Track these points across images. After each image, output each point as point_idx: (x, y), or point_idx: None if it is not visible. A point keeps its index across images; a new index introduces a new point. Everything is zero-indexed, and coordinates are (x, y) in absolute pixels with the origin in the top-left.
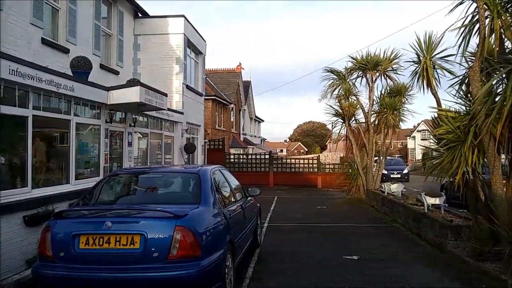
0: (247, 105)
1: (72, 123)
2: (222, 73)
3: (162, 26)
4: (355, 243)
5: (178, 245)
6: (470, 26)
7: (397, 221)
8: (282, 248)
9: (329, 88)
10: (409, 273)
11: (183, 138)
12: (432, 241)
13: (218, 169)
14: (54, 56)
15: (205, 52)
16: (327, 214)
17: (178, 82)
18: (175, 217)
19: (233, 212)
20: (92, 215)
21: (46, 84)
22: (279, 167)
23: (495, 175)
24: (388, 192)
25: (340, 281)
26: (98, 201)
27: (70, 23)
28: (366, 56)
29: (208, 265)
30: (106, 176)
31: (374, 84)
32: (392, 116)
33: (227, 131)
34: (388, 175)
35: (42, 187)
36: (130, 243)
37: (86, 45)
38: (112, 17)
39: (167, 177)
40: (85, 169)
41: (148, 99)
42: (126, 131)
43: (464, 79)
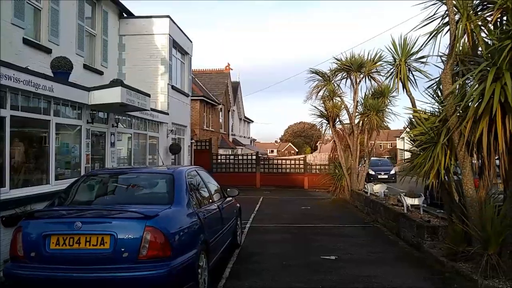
0: (236, 105)
1: (52, 124)
2: (211, 74)
3: (147, 26)
4: (335, 243)
5: (148, 245)
6: (440, 28)
7: (378, 221)
8: (262, 249)
9: (314, 89)
10: (383, 272)
11: (168, 138)
12: (410, 241)
13: (195, 170)
14: (36, 56)
15: (192, 52)
16: (310, 215)
17: (163, 83)
18: (145, 217)
19: (208, 212)
20: (63, 215)
21: (24, 84)
22: (266, 167)
23: (466, 175)
24: (371, 192)
25: (313, 281)
26: (71, 202)
27: (53, 23)
28: (350, 58)
29: (179, 265)
30: (81, 177)
31: (358, 85)
32: (375, 117)
33: (215, 132)
34: (375, 176)
35: (21, 188)
36: (100, 244)
37: (69, 45)
38: (96, 17)
39: (141, 178)
40: (66, 170)
41: (130, 100)
42: (108, 131)
43: (440, 81)
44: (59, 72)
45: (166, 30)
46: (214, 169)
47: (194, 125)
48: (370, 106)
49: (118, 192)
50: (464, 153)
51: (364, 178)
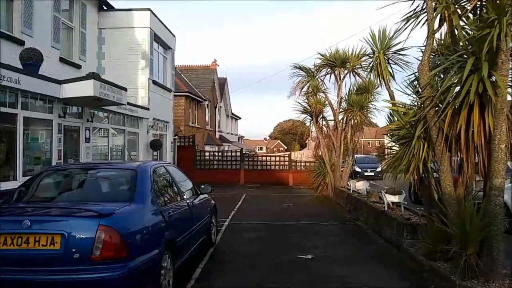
0: (223, 102)
1: (19, 117)
2: (197, 70)
3: (128, 19)
4: (313, 242)
5: (101, 245)
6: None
7: (360, 219)
8: (238, 247)
9: (297, 85)
10: (359, 271)
11: (149, 134)
12: (390, 239)
13: (162, 166)
14: (7, 48)
15: (175, 47)
16: (291, 212)
17: (144, 77)
18: (99, 216)
19: (175, 210)
20: (12, 213)
21: None
22: (250, 164)
23: (444, 171)
24: (353, 189)
25: (286, 281)
26: (24, 199)
27: (26, 14)
28: (335, 53)
29: (137, 266)
30: (39, 172)
31: (342, 81)
32: (359, 114)
33: (201, 128)
34: (362, 173)
35: None
36: (50, 244)
37: (44, 37)
38: (74, 9)
39: (103, 174)
40: (36, 165)
41: (104, 94)
42: (83, 126)
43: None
44: (28, 64)
45: (147, 23)
46: (197, 166)
47: (179, 122)
48: (354, 102)
49: (76, 188)
50: (442, 148)
51: (347, 175)
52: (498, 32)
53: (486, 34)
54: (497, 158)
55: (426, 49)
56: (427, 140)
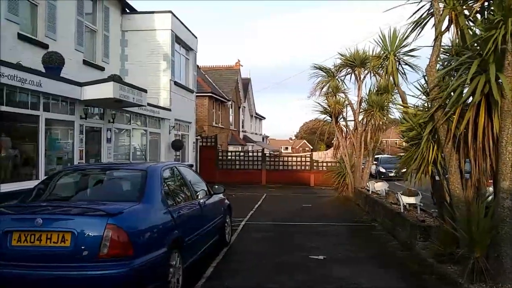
0: (247, 102)
1: (42, 119)
2: (221, 70)
3: (149, 22)
4: (326, 242)
5: (109, 243)
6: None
7: (377, 220)
8: (252, 247)
9: (317, 85)
10: (368, 273)
11: (171, 135)
12: (404, 241)
13: (174, 166)
14: (32, 51)
15: (197, 48)
16: (309, 213)
17: (165, 79)
18: (107, 215)
19: (186, 210)
20: (26, 211)
21: (8, 79)
22: (272, 164)
23: (452, 173)
24: (372, 190)
25: (296, 281)
26: (40, 198)
27: (50, 19)
28: (354, 53)
29: (144, 264)
30: (55, 173)
31: (362, 81)
32: (378, 114)
33: (225, 128)
34: (386, 174)
35: (7, 183)
36: (60, 241)
37: (67, 40)
38: (97, 12)
39: (115, 174)
40: (58, 165)
41: (123, 95)
42: (104, 127)
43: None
44: (50, 67)
45: (169, 25)
46: (219, 166)
47: (202, 122)
48: (374, 102)
49: (89, 188)
50: (450, 150)
51: (368, 176)
52: (504, 33)
53: (492, 35)
54: (505, 161)
55: (434, 50)
56: (436, 142)
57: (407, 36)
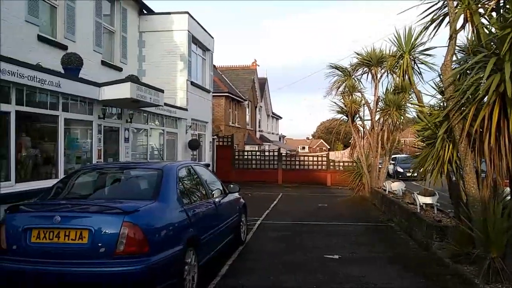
0: (264, 102)
1: (61, 119)
2: (237, 70)
3: (166, 22)
4: (342, 242)
5: (125, 241)
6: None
7: (393, 220)
8: (268, 246)
9: (334, 85)
10: (382, 273)
11: (187, 134)
12: (420, 241)
13: (190, 166)
14: (51, 52)
15: (213, 48)
16: (325, 213)
17: (182, 79)
18: (123, 213)
19: (201, 208)
20: (45, 209)
21: (28, 80)
22: (288, 164)
23: (468, 173)
24: (389, 190)
25: (308, 281)
26: (58, 196)
27: (69, 20)
28: (371, 52)
29: (158, 261)
30: (73, 171)
31: (378, 80)
32: (395, 113)
33: (242, 128)
34: (404, 173)
35: (27, 182)
36: (78, 238)
37: (86, 41)
38: (115, 14)
39: (132, 173)
40: (77, 164)
41: (140, 95)
42: (122, 127)
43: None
44: (69, 68)
45: (185, 26)
46: (236, 165)
47: (219, 121)
48: (390, 101)
49: (106, 186)
50: (465, 149)
51: (384, 176)
52: None
53: (507, 33)
54: None
55: (449, 49)
56: (451, 141)
57: (422, 35)
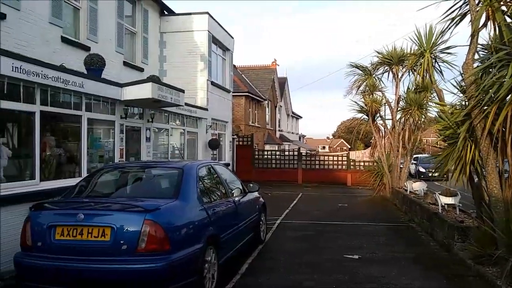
0: (284, 101)
1: (84, 119)
2: (257, 70)
3: (187, 23)
4: (362, 242)
5: (146, 238)
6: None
7: (414, 220)
8: (287, 245)
9: (354, 84)
10: (403, 273)
11: (208, 134)
12: (442, 242)
13: (210, 165)
14: (74, 54)
15: (233, 48)
16: (345, 213)
17: (202, 79)
18: (144, 211)
19: (220, 207)
20: (68, 207)
21: (52, 80)
22: (308, 164)
23: (490, 173)
24: (410, 190)
25: (328, 280)
26: (81, 194)
27: (91, 22)
28: (392, 51)
29: (179, 259)
30: (96, 170)
31: (399, 79)
32: (417, 113)
33: (261, 128)
34: (426, 173)
35: (51, 180)
36: (101, 235)
37: (108, 42)
38: (136, 15)
39: (153, 172)
40: (99, 163)
41: (162, 95)
42: (144, 126)
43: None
44: (92, 68)
45: (205, 26)
46: (255, 165)
47: (239, 121)
48: (412, 100)
49: (128, 185)
50: (487, 149)
51: (406, 175)
52: None
53: None
54: None
55: (470, 48)
56: (473, 140)
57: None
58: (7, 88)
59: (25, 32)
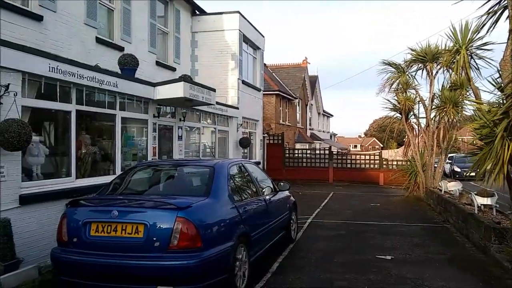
0: (314, 99)
1: (118, 117)
2: (288, 68)
3: (218, 22)
4: (394, 243)
5: (179, 235)
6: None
7: (449, 221)
8: (317, 245)
9: (387, 82)
10: (437, 275)
11: (238, 132)
12: (478, 243)
13: (241, 163)
14: (108, 54)
15: (264, 47)
16: (377, 212)
17: (233, 78)
18: (177, 208)
19: (251, 205)
20: (103, 204)
21: (88, 80)
22: (339, 162)
23: None
24: (445, 190)
25: (359, 280)
26: (115, 192)
27: (125, 22)
28: (426, 48)
29: (211, 256)
30: (130, 168)
31: (434, 77)
32: (452, 111)
33: (292, 126)
34: (461, 173)
35: (86, 178)
36: (134, 232)
37: (141, 43)
38: (168, 15)
39: (184, 170)
40: (133, 161)
41: (193, 95)
42: (176, 125)
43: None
44: (126, 68)
45: (236, 25)
46: (286, 163)
47: (270, 120)
48: (447, 98)
49: (160, 183)
50: None
51: (440, 175)
52: None
53: None
54: None
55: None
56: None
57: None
58: (44, 88)
59: (61, 33)
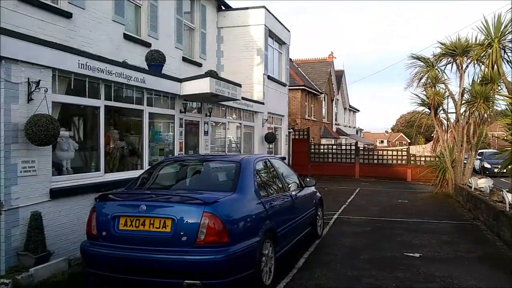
0: (340, 94)
1: (145, 113)
2: (313, 63)
3: (243, 17)
4: (423, 240)
5: (206, 230)
6: None
7: (479, 218)
8: (343, 241)
9: (415, 76)
10: (466, 274)
11: (264, 127)
12: (509, 241)
13: (266, 159)
14: (136, 50)
15: (289, 42)
16: (404, 209)
17: (259, 73)
18: (204, 203)
19: (277, 201)
20: (131, 198)
21: (116, 76)
22: (365, 158)
23: None
24: (475, 187)
25: (387, 278)
26: (143, 186)
27: (152, 19)
28: (455, 41)
29: (237, 251)
30: (157, 163)
31: (464, 71)
32: (483, 106)
33: (317, 121)
34: (491, 170)
35: (115, 172)
36: (162, 226)
37: (168, 39)
38: (194, 11)
39: (211, 165)
40: (160, 156)
41: (219, 90)
42: (202, 120)
43: None
44: (153, 64)
45: (262, 20)
46: (312, 159)
47: (295, 115)
48: (477, 93)
49: (187, 178)
50: None
51: (470, 171)
52: None
53: None
54: None
55: None
56: None
57: None
58: (73, 84)
59: (89, 30)
